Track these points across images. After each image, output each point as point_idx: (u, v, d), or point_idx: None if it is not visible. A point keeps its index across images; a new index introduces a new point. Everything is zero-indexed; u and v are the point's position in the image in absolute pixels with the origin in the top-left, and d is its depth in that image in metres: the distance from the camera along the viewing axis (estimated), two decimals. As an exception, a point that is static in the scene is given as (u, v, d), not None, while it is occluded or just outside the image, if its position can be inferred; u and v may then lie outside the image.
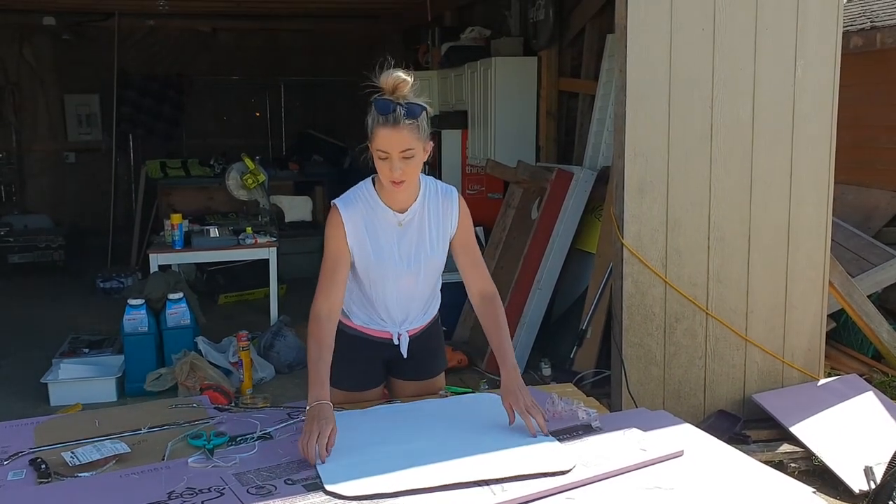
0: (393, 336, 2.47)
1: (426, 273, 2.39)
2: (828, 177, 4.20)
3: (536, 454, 2.00)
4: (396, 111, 2.14)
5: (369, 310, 2.45)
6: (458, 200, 2.41)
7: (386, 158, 2.17)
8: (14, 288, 7.93)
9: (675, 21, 3.84)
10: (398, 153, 2.16)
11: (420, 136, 2.18)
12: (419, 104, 2.18)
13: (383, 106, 2.15)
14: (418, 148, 2.19)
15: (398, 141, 2.14)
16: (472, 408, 2.39)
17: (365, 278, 2.38)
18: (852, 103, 5.29)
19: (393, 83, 2.16)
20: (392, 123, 2.14)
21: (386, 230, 2.33)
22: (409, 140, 2.16)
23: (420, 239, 2.36)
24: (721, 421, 4.02)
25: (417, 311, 2.48)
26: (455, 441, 2.09)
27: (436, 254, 2.38)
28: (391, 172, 2.18)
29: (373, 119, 2.19)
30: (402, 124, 2.14)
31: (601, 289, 4.76)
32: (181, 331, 5.07)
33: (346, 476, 1.87)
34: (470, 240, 2.44)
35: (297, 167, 9.47)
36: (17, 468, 1.99)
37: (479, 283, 2.43)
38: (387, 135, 2.15)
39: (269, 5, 9.03)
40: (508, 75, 6.27)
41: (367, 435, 2.15)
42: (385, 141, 2.15)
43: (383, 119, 2.15)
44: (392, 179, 2.20)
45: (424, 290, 2.45)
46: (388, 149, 2.16)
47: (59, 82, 9.84)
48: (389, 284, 2.37)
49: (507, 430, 2.16)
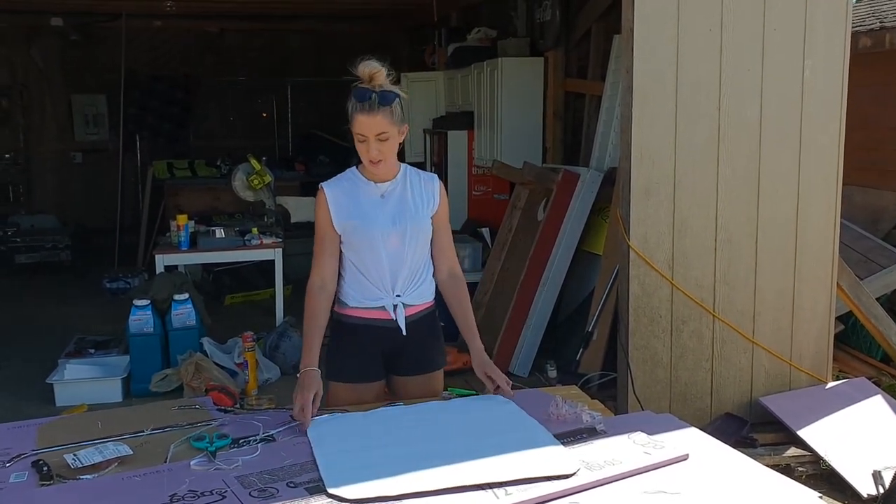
0: (389, 310, 2.53)
1: (412, 233, 2.51)
2: (836, 178, 4.17)
3: (540, 457, 1.99)
4: (372, 98, 2.36)
5: (363, 281, 2.54)
6: (439, 184, 2.62)
7: (364, 141, 2.41)
8: (20, 288, 7.95)
9: (681, 22, 3.82)
10: (374, 136, 2.38)
11: (394, 120, 2.40)
12: (393, 91, 2.40)
13: (360, 94, 2.37)
14: (393, 131, 2.41)
15: (374, 125, 2.37)
16: (475, 409, 2.39)
17: (355, 245, 2.51)
18: (861, 104, 5.26)
19: (369, 72, 2.37)
20: (368, 110, 2.36)
21: (370, 199, 2.51)
22: (384, 124, 2.38)
23: (403, 203, 2.53)
24: (728, 424, 4.00)
25: (408, 279, 2.55)
26: (458, 444, 2.08)
27: (419, 216, 2.53)
28: (368, 153, 2.41)
29: (352, 106, 2.40)
30: (377, 110, 2.36)
31: (607, 291, 4.74)
32: (187, 331, 5.07)
33: (348, 479, 1.86)
34: (446, 222, 2.65)
35: (303, 168, 9.48)
36: (20, 470, 1.98)
37: (449, 262, 2.66)
38: (364, 120, 2.37)
39: (276, 6, 9.04)
40: (514, 76, 6.26)
41: (369, 438, 2.14)
42: (362, 125, 2.38)
43: (360, 106, 2.37)
44: (370, 159, 2.43)
45: (412, 256, 2.54)
46: (365, 132, 2.39)
47: (66, 83, 9.88)
48: (378, 245, 2.49)
49: (511, 433, 2.15)
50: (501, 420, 2.26)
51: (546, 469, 1.91)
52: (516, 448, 2.04)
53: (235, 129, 10.61)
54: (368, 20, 10.13)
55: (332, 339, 2.60)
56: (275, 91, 10.73)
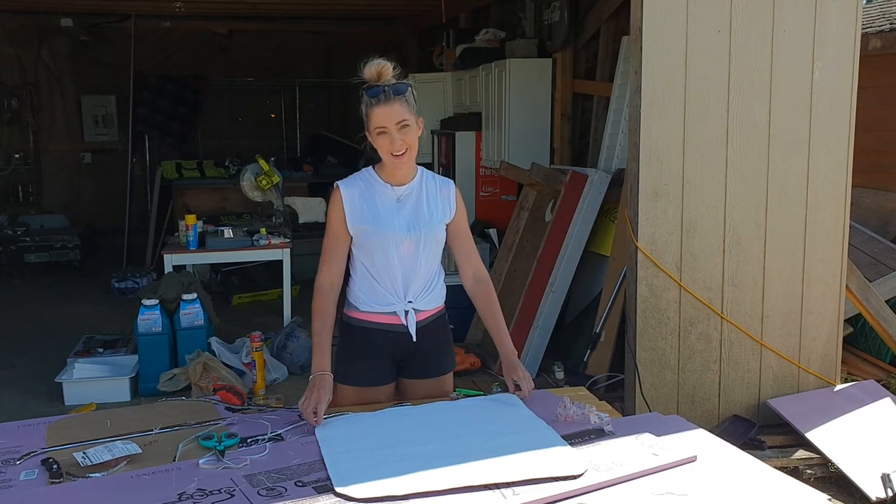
0: (400, 315, 2.51)
1: (426, 241, 2.50)
2: (845, 180, 4.15)
3: (548, 458, 1.99)
4: (386, 91, 2.37)
5: (374, 286, 2.52)
6: (455, 190, 2.60)
7: (385, 133, 2.38)
8: (30, 287, 7.99)
9: (690, 23, 3.82)
10: (395, 125, 2.37)
11: (410, 109, 2.40)
12: (403, 82, 2.42)
13: (373, 91, 2.38)
14: (411, 119, 2.39)
15: (393, 114, 2.36)
16: (483, 409, 2.39)
17: (367, 248, 2.49)
18: (870, 106, 5.24)
19: (376, 71, 2.39)
20: (385, 101, 2.37)
21: (385, 203, 2.48)
22: (402, 112, 2.37)
23: (418, 210, 2.51)
24: (736, 426, 3.99)
25: (420, 286, 2.53)
26: (466, 443, 2.08)
27: (434, 223, 2.51)
28: (392, 145, 2.38)
29: (366, 104, 2.40)
30: (393, 100, 2.37)
31: (615, 292, 4.74)
32: (195, 331, 5.09)
33: (356, 478, 1.87)
34: (466, 228, 2.64)
35: (311, 169, 9.49)
36: (30, 468, 1.99)
37: (474, 265, 2.64)
38: (382, 111, 2.37)
39: (285, 7, 9.06)
40: (523, 77, 6.26)
41: (377, 437, 2.14)
42: (381, 117, 2.37)
43: (375, 100, 2.37)
44: (393, 151, 2.39)
45: (426, 263, 2.52)
46: (385, 123, 2.37)
47: (76, 83, 9.91)
48: (391, 251, 2.47)
49: (518, 433, 2.15)
50: (509, 420, 2.26)
51: (554, 469, 1.91)
52: (524, 448, 2.04)
53: (244, 129, 10.63)
54: (377, 21, 10.16)
55: (342, 342, 2.59)
56: (283, 92, 10.76)
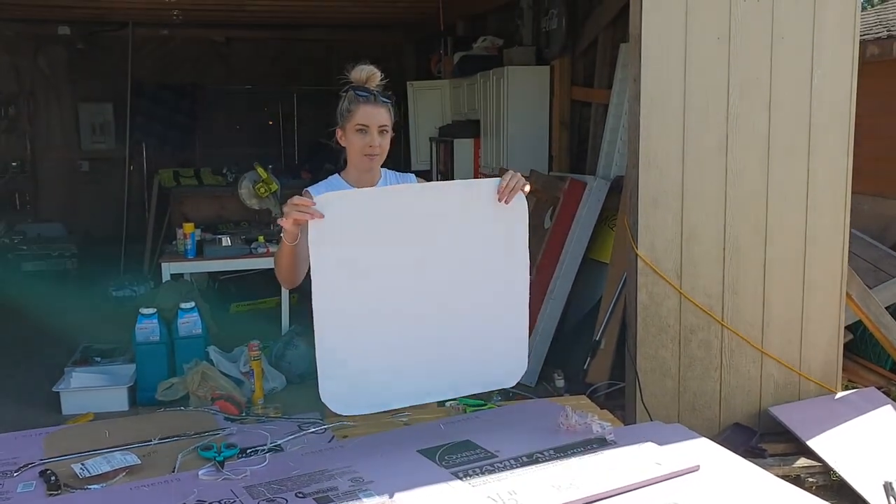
0: None
1: None
2: (845, 187, 4.16)
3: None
4: (375, 94, 2.44)
5: None
6: (416, 181, 2.62)
7: (364, 131, 2.43)
8: (27, 296, 7.95)
9: (689, 30, 3.82)
10: (376, 127, 2.43)
11: (391, 117, 2.46)
12: (389, 94, 2.48)
13: (363, 90, 2.43)
14: (390, 128, 2.47)
15: (378, 116, 2.43)
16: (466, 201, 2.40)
17: None
18: (869, 113, 5.25)
19: (366, 75, 2.45)
20: (373, 101, 2.43)
21: None
22: (386, 118, 2.45)
23: None
24: (737, 434, 3.98)
25: None
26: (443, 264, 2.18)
27: None
28: (370, 142, 2.43)
29: (350, 101, 2.44)
30: (380, 102, 2.44)
31: (615, 299, 4.72)
32: (193, 340, 5.07)
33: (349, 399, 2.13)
34: None
35: (309, 176, 9.46)
36: (27, 480, 1.97)
37: None
38: (368, 110, 2.42)
39: (283, 15, 9.07)
40: (521, 84, 6.26)
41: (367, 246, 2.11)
42: (366, 115, 2.42)
43: (364, 98, 2.42)
44: (367, 152, 2.44)
45: None
46: (368, 122, 2.42)
47: (73, 91, 9.89)
48: None
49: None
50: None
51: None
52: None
53: (242, 137, 10.60)
54: (375, 29, 10.16)
55: None
56: (281, 100, 10.74)
